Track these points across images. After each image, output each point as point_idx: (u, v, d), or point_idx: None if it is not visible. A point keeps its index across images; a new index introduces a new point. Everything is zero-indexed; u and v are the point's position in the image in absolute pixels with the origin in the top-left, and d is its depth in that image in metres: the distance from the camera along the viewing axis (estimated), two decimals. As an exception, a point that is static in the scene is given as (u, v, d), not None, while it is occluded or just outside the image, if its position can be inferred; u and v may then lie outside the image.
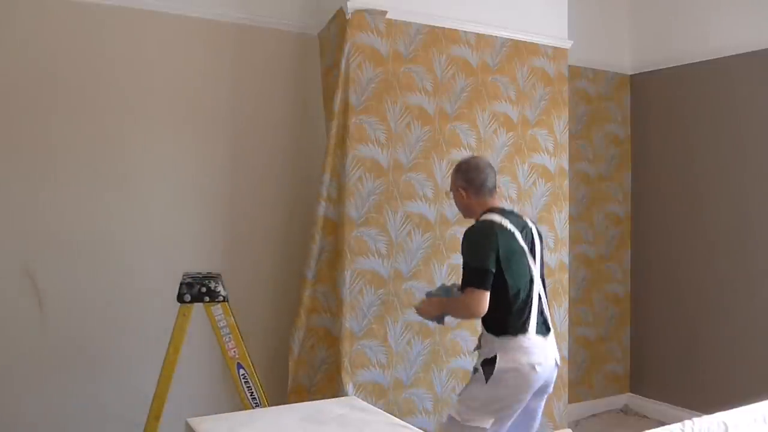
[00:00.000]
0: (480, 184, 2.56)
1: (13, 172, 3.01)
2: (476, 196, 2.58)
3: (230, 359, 2.76)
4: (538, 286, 2.55)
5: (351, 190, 3.25)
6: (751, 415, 1.80)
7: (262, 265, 3.55)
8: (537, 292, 2.53)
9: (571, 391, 4.09)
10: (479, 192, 2.57)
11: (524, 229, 2.56)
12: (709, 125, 4.34)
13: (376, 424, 2.03)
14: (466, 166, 2.64)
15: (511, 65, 3.72)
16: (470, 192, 2.58)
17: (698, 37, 4.37)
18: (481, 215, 2.56)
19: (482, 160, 2.68)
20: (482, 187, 2.57)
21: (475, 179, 2.57)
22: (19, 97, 3.02)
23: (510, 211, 2.62)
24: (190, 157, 3.38)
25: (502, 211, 2.56)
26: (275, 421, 2.10)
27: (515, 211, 2.67)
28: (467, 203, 2.61)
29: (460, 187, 2.60)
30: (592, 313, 4.68)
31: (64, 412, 3.07)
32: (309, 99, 3.62)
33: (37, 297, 3.04)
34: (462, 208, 2.67)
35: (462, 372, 3.54)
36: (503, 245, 2.44)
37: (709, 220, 4.33)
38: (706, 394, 4.20)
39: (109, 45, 3.19)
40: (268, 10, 3.54)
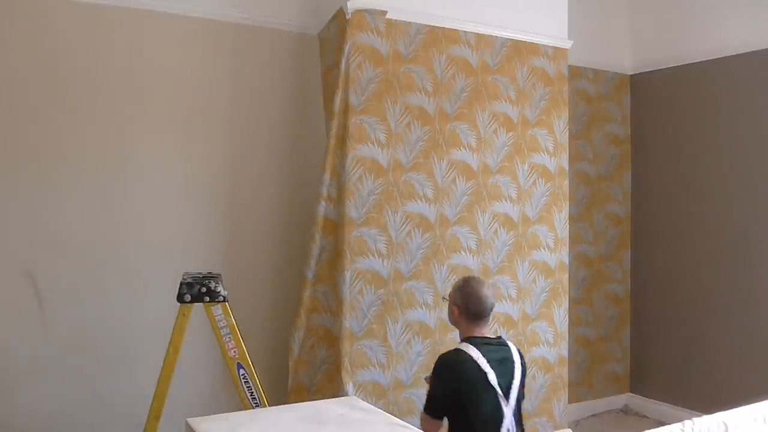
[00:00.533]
0: (474, 313, 2.59)
1: (13, 172, 3.01)
2: (467, 320, 2.60)
3: (230, 359, 2.76)
4: (509, 424, 2.51)
5: (351, 190, 3.25)
6: (751, 415, 1.80)
7: (262, 265, 3.55)
8: (506, 429, 2.50)
9: (571, 391, 4.09)
10: (470, 319, 2.60)
11: (504, 362, 2.53)
12: (709, 125, 4.34)
13: (376, 424, 2.03)
14: (469, 291, 2.61)
15: (511, 65, 3.72)
16: (462, 315, 2.61)
17: (698, 37, 4.37)
18: (462, 341, 2.59)
19: (486, 290, 2.63)
20: (475, 317, 2.59)
21: (471, 307, 2.59)
22: (18, 97, 3.02)
23: (491, 342, 2.57)
24: (190, 157, 3.38)
25: (482, 344, 2.53)
26: (275, 421, 2.10)
27: (501, 340, 2.62)
28: (456, 321, 2.65)
29: (455, 305, 2.63)
30: (592, 313, 4.68)
31: (64, 412, 3.07)
32: (309, 99, 3.62)
33: (37, 297, 3.04)
34: (451, 321, 2.71)
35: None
36: (467, 382, 2.44)
37: (709, 220, 4.33)
38: (706, 394, 4.20)
39: (109, 45, 3.19)
40: (268, 10, 3.54)
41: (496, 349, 2.54)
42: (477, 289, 2.61)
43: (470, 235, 3.59)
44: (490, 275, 3.65)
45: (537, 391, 3.82)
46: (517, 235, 3.75)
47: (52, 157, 3.08)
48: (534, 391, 3.81)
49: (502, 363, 2.52)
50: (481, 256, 3.62)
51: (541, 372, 3.83)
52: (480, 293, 2.60)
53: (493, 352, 2.51)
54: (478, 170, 3.62)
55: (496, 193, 3.67)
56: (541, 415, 3.83)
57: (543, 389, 3.84)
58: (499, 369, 2.48)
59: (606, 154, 4.74)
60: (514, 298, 3.74)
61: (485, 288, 2.64)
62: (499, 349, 2.55)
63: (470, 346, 2.50)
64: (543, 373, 3.84)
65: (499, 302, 3.69)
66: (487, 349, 2.50)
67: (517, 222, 3.75)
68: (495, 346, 2.55)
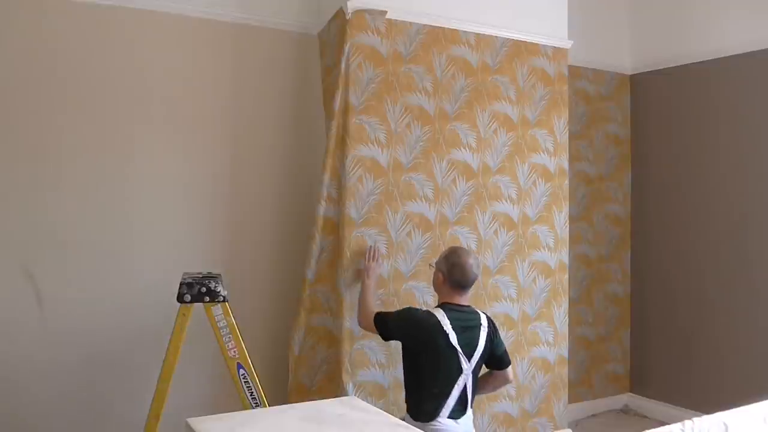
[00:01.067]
0: (457, 282, 2.79)
1: (13, 172, 3.01)
2: (449, 288, 2.81)
3: (230, 359, 2.76)
4: (466, 380, 2.75)
5: (351, 190, 3.25)
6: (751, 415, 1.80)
7: (262, 265, 3.55)
8: (462, 384, 2.74)
9: (571, 391, 4.09)
10: (453, 288, 2.80)
11: (469, 329, 2.75)
12: (709, 125, 4.34)
13: (376, 424, 2.03)
14: (455, 260, 2.80)
15: (511, 65, 3.72)
16: (446, 283, 2.81)
17: (698, 37, 4.38)
18: (437, 306, 2.82)
19: (471, 260, 2.82)
20: (457, 285, 2.79)
21: (454, 276, 2.78)
22: (18, 98, 3.02)
23: (462, 310, 2.79)
24: (190, 157, 3.37)
25: (453, 309, 2.76)
26: (275, 421, 2.10)
27: (471, 309, 2.83)
28: (439, 288, 2.85)
29: (440, 272, 2.82)
30: (592, 313, 4.68)
31: (64, 412, 3.07)
32: (309, 99, 3.62)
33: (37, 297, 3.04)
34: (434, 287, 2.91)
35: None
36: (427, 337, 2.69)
37: (709, 220, 4.33)
38: (706, 394, 4.20)
39: (109, 45, 3.19)
40: (268, 10, 3.54)
41: (464, 316, 2.77)
42: (463, 259, 2.80)
43: (470, 235, 3.59)
44: (490, 275, 3.65)
45: (537, 391, 3.82)
46: (517, 235, 3.75)
47: (51, 157, 3.08)
48: (534, 391, 3.81)
49: (467, 329, 2.74)
50: (481, 256, 3.62)
51: (541, 372, 3.83)
52: (465, 264, 2.78)
53: (459, 320, 2.74)
54: (478, 170, 3.62)
55: (496, 193, 3.68)
56: (541, 415, 3.83)
57: (543, 389, 3.84)
58: (463, 334, 2.71)
59: (606, 154, 4.74)
60: (514, 298, 3.74)
61: (471, 258, 2.82)
62: (467, 317, 2.78)
63: (441, 311, 2.75)
64: (543, 373, 3.84)
65: (499, 302, 3.69)
66: (456, 315, 2.74)
67: (517, 222, 3.75)
68: (464, 313, 2.78)
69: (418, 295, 3.43)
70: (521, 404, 3.76)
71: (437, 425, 2.71)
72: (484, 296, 3.63)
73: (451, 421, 2.74)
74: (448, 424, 2.73)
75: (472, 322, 2.78)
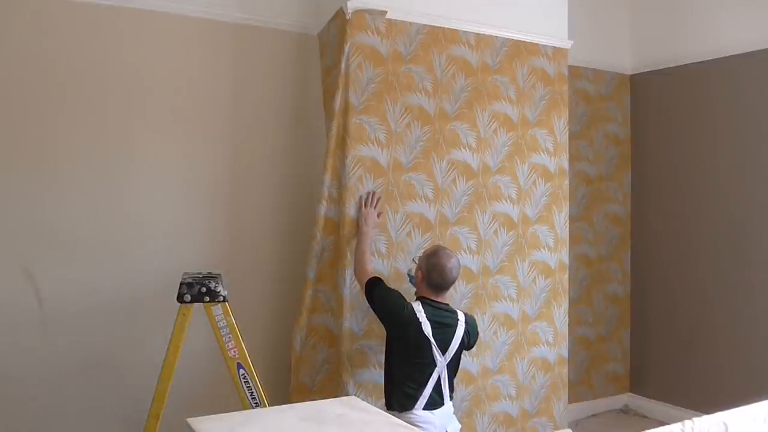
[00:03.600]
0: (435, 284, 2.87)
1: (12, 172, 3.01)
2: (426, 287, 2.89)
3: (230, 359, 2.76)
4: (440, 372, 2.82)
5: (351, 190, 3.25)
6: (751, 415, 1.80)
7: (262, 265, 3.55)
8: (436, 376, 2.81)
9: (571, 391, 4.09)
10: (430, 287, 2.88)
11: (444, 326, 2.82)
12: (709, 125, 4.34)
13: (376, 424, 2.03)
14: (435, 262, 2.86)
15: (511, 65, 3.72)
16: (424, 281, 2.89)
17: (698, 37, 4.38)
18: (416, 299, 2.90)
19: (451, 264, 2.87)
20: (435, 287, 2.87)
21: (433, 278, 2.86)
22: (18, 97, 3.02)
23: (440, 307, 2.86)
24: (190, 157, 3.37)
25: (429, 304, 2.84)
26: (275, 421, 2.10)
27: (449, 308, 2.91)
28: (418, 284, 2.94)
29: (421, 270, 2.90)
30: (592, 313, 4.68)
31: (64, 412, 3.07)
32: (309, 99, 3.62)
33: (37, 297, 3.04)
34: (414, 284, 3.01)
35: (461, 372, 3.54)
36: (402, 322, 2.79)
37: (709, 220, 4.33)
38: (706, 394, 4.20)
39: (109, 45, 3.19)
40: (268, 10, 3.53)
41: (440, 313, 2.84)
42: (443, 262, 2.85)
43: (470, 235, 3.59)
44: (490, 275, 3.65)
45: (537, 391, 3.82)
46: (517, 235, 3.75)
47: (51, 157, 3.08)
48: (534, 391, 3.81)
49: (442, 325, 2.80)
50: (481, 256, 3.62)
51: (541, 372, 3.83)
52: (445, 267, 2.84)
53: (435, 315, 2.80)
54: (478, 170, 3.62)
55: (496, 193, 3.67)
56: (541, 415, 3.83)
57: (543, 389, 3.84)
58: (438, 329, 2.78)
59: (606, 154, 4.74)
60: (514, 298, 3.74)
61: (451, 261, 2.87)
62: (443, 314, 2.84)
63: (418, 303, 2.83)
64: (543, 373, 3.84)
65: (499, 302, 3.69)
66: (432, 311, 2.81)
67: (517, 222, 3.75)
68: (442, 311, 2.85)
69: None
70: (521, 404, 3.76)
71: (411, 416, 2.74)
72: (484, 296, 3.63)
73: (426, 413, 2.78)
74: (423, 416, 2.77)
75: (447, 319, 2.85)
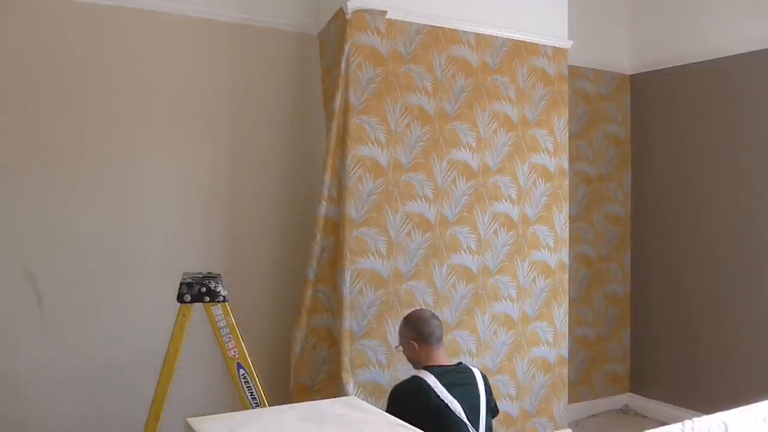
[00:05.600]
0: (428, 334, 2.64)
1: (12, 172, 3.01)
2: (426, 347, 2.64)
3: (230, 359, 2.76)
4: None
5: (351, 190, 3.25)
6: (751, 415, 1.80)
7: (262, 265, 3.55)
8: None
9: (571, 391, 4.09)
10: (427, 342, 2.64)
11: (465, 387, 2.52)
12: (709, 125, 4.34)
13: (376, 424, 2.03)
14: (414, 319, 2.72)
15: (511, 65, 3.72)
16: (421, 343, 2.64)
17: (698, 37, 4.37)
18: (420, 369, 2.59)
19: (427, 312, 2.77)
20: (430, 337, 2.64)
21: (423, 331, 2.65)
22: (18, 97, 3.02)
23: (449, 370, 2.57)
24: (190, 157, 3.38)
25: (440, 372, 2.52)
26: (275, 421, 2.10)
27: (461, 366, 2.63)
28: (417, 354, 2.66)
29: (411, 339, 2.66)
30: (592, 313, 4.68)
31: (64, 412, 3.07)
32: (309, 99, 3.62)
33: (37, 297, 3.04)
34: (413, 360, 2.71)
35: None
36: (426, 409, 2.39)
37: (709, 220, 4.33)
38: (706, 394, 4.20)
39: (108, 45, 3.19)
40: (268, 10, 3.54)
41: (455, 376, 2.55)
42: (420, 314, 2.73)
43: (470, 235, 3.59)
44: (490, 275, 3.65)
45: (537, 391, 3.82)
46: (517, 235, 3.75)
47: (51, 158, 3.08)
48: (534, 391, 3.81)
49: (464, 388, 2.51)
50: (481, 256, 3.62)
51: (541, 372, 3.83)
52: (424, 316, 2.71)
53: (451, 378, 2.51)
54: (478, 170, 3.62)
55: (496, 193, 3.68)
56: (541, 415, 3.83)
57: (543, 389, 3.84)
58: (461, 395, 2.47)
59: (606, 154, 4.74)
60: (514, 298, 3.74)
61: (426, 312, 2.77)
62: (459, 375, 2.57)
63: (427, 372, 2.52)
64: (543, 373, 3.84)
65: (499, 302, 3.69)
66: (446, 377, 2.50)
67: (517, 222, 3.75)
68: (454, 372, 2.56)
69: (419, 295, 3.43)
70: (521, 404, 3.76)
71: None
72: (484, 296, 3.63)
73: None
74: None
75: (467, 379, 2.57)
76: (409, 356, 2.71)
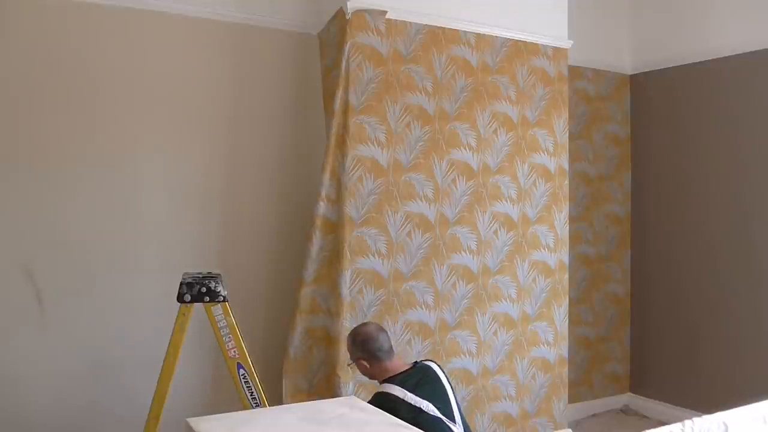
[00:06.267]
0: (376, 350, 2.57)
1: (12, 172, 3.01)
2: (378, 362, 2.58)
3: (230, 359, 2.76)
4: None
5: (351, 190, 3.24)
6: (751, 415, 1.80)
7: (262, 265, 3.55)
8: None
9: (571, 391, 4.09)
10: (378, 359, 2.58)
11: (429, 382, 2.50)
12: (709, 125, 4.33)
13: (376, 424, 2.03)
14: (359, 338, 2.62)
15: (511, 65, 3.72)
16: (371, 360, 2.59)
17: (698, 37, 4.37)
18: (382, 383, 2.54)
19: (372, 327, 2.67)
20: (379, 353, 2.57)
21: (371, 348, 2.58)
22: (17, 97, 3.02)
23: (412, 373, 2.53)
24: (190, 157, 3.38)
25: (403, 379, 2.48)
26: (275, 421, 2.09)
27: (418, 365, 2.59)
28: (371, 372, 2.61)
29: (361, 359, 2.61)
30: (592, 313, 4.68)
31: (64, 412, 3.07)
32: (309, 99, 3.62)
33: (37, 297, 3.04)
34: (367, 375, 2.67)
35: (461, 372, 3.54)
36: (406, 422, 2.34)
37: (709, 220, 4.33)
38: (706, 394, 4.20)
39: (108, 45, 3.18)
40: (268, 10, 3.53)
41: (418, 376, 2.51)
42: (364, 331, 2.63)
43: (470, 235, 3.59)
44: (490, 275, 3.65)
45: (537, 391, 3.82)
46: (517, 235, 3.75)
47: (51, 157, 3.08)
48: (534, 391, 3.81)
49: (430, 385, 2.49)
50: (481, 256, 3.62)
51: (541, 372, 3.83)
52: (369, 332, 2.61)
53: (415, 380, 2.48)
54: (478, 170, 3.62)
55: (496, 193, 3.68)
56: (541, 415, 3.83)
57: (543, 389, 3.84)
58: (430, 393, 2.45)
59: (606, 154, 4.74)
60: (514, 298, 3.74)
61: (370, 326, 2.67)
62: (421, 375, 2.53)
63: (391, 385, 2.46)
64: (543, 373, 3.84)
65: (499, 302, 3.69)
66: (409, 381, 2.47)
67: (517, 222, 3.75)
68: (415, 374, 2.52)
69: (419, 295, 3.43)
70: (521, 404, 3.76)
71: None
72: (484, 296, 3.63)
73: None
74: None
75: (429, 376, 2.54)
76: (363, 372, 2.65)
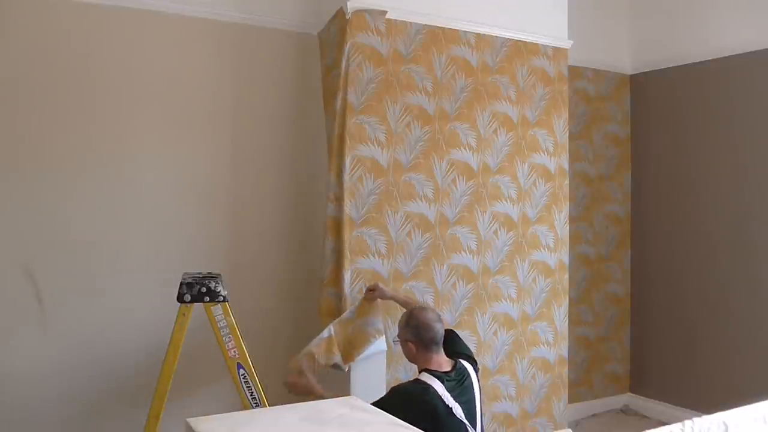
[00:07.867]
0: (429, 340, 2.59)
1: (13, 172, 3.01)
2: (425, 351, 2.60)
3: (230, 359, 2.76)
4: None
5: (351, 190, 3.24)
6: (751, 415, 1.80)
7: (263, 265, 3.55)
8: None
9: (571, 391, 4.10)
10: (427, 348, 2.59)
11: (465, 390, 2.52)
12: (709, 125, 4.34)
13: (376, 424, 2.03)
14: (416, 322, 2.62)
15: (511, 65, 3.73)
16: (419, 347, 2.60)
17: (698, 37, 4.37)
18: (422, 372, 2.56)
19: (430, 315, 2.66)
20: (431, 343, 2.59)
21: (425, 337, 2.59)
22: (17, 97, 3.01)
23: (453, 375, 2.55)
24: (190, 157, 3.37)
25: (444, 377, 2.50)
26: (275, 421, 2.09)
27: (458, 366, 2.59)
28: (416, 357, 2.63)
29: (410, 341, 2.63)
30: (592, 313, 4.68)
31: (64, 412, 3.07)
32: (309, 99, 3.62)
33: (37, 297, 3.04)
34: (409, 358, 2.69)
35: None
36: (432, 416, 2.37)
37: (709, 220, 4.33)
38: (706, 394, 4.20)
39: (108, 45, 3.18)
40: (268, 10, 3.53)
41: (456, 378, 2.54)
42: (423, 317, 2.63)
43: (470, 235, 3.59)
44: (490, 275, 3.65)
45: (537, 391, 3.82)
46: (517, 235, 3.75)
47: (51, 157, 3.08)
48: (534, 391, 3.81)
49: (462, 389, 2.52)
50: (481, 256, 3.62)
51: (541, 372, 3.83)
52: (428, 321, 2.61)
53: (453, 383, 2.51)
54: (478, 170, 3.62)
55: (496, 193, 3.68)
56: (541, 415, 3.83)
57: (543, 389, 3.84)
58: (461, 396, 2.48)
59: (606, 154, 4.74)
60: (514, 298, 3.74)
61: (429, 313, 2.67)
62: (458, 378, 2.55)
63: (432, 377, 2.48)
64: (543, 373, 3.84)
65: (499, 302, 3.69)
66: (449, 382, 2.50)
67: (517, 222, 3.75)
68: (453, 376, 2.54)
69: (419, 295, 3.43)
70: (521, 404, 3.76)
71: None
72: (484, 296, 3.63)
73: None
74: None
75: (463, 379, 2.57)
76: (406, 355, 2.68)
